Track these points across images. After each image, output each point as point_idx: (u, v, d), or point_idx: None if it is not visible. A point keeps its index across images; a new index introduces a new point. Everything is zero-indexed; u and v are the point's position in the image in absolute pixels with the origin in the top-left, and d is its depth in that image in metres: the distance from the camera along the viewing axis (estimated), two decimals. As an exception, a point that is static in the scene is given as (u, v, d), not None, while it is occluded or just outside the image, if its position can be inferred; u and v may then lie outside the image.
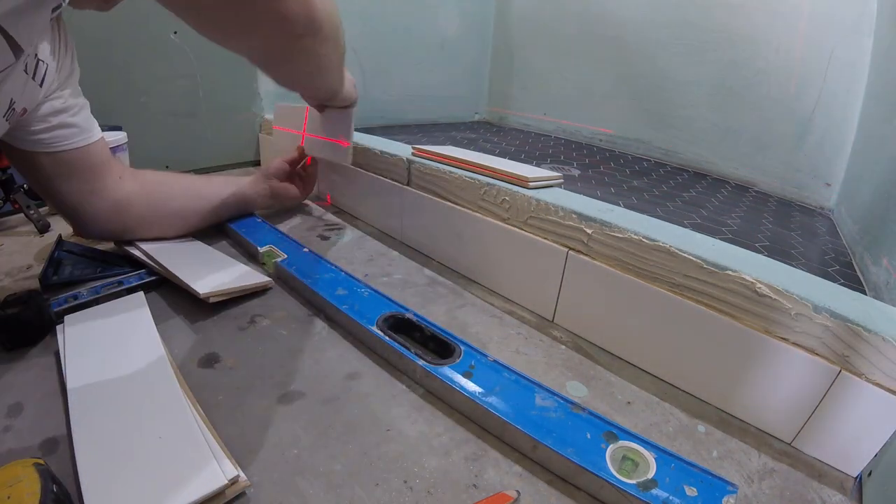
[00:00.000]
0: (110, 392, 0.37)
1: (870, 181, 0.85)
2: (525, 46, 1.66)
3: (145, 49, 0.90)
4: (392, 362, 0.46)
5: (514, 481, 0.34)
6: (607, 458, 0.34)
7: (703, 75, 1.23)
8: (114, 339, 0.44)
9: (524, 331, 0.54)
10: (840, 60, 1.03)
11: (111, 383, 0.38)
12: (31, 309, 0.43)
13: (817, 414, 0.38)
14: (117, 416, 0.34)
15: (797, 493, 0.35)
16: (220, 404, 0.39)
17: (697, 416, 0.43)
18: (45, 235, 0.69)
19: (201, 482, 0.29)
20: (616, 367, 0.49)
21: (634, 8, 1.34)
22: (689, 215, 0.88)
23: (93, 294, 0.50)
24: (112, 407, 0.35)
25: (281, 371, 0.44)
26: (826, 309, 0.36)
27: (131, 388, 0.37)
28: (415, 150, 0.73)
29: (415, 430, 0.38)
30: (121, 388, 0.37)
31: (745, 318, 0.41)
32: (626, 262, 0.48)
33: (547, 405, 0.38)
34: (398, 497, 0.32)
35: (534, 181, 0.58)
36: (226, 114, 1.06)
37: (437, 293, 0.61)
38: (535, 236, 0.55)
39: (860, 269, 0.74)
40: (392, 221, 0.77)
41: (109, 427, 0.33)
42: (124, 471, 0.30)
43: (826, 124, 1.06)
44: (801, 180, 1.13)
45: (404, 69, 1.46)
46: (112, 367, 0.39)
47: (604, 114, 1.49)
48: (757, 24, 1.13)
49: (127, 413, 0.35)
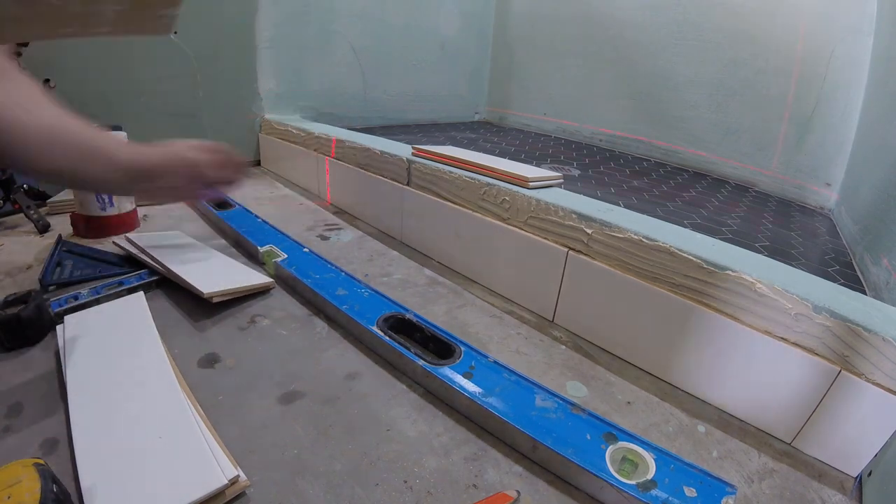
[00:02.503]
0: (110, 392, 0.37)
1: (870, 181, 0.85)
2: (525, 46, 1.66)
3: (145, 49, 0.90)
4: (392, 362, 0.46)
5: (514, 481, 0.34)
6: (607, 458, 0.34)
7: (703, 75, 1.23)
8: (114, 339, 0.43)
9: (524, 331, 0.54)
10: (840, 60, 1.03)
11: (111, 383, 0.38)
12: (31, 309, 0.43)
13: (817, 414, 0.38)
14: (117, 415, 0.34)
15: (797, 494, 0.35)
16: (220, 404, 0.39)
17: (697, 416, 0.43)
18: (45, 235, 0.69)
19: (201, 482, 0.29)
20: (616, 367, 0.49)
21: (634, 8, 1.34)
22: (689, 215, 0.88)
23: (93, 294, 0.50)
24: (112, 407, 0.35)
25: (281, 371, 0.44)
26: (826, 309, 0.36)
27: (131, 388, 0.37)
28: (415, 150, 0.73)
29: (415, 430, 0.38)
30: (121, 388, 0.37)
31: (745, 318, 0.41)
32: (626, 262, 0.48)
33: (547, 406, 0.38)
34: (398, 497, 0.32)
35: (534, 181, 0.58)
36: (226, 114, 1.06)
37: (437, 293, 0.61)
38: (535, 236, 0.55)
39: (860, 269, 0.74)
40: (392, 221, 0.77)
41: (109, 427, 0.33)
42: (124, 471, 0.30)
43: (826, 124, 1.06)
44: (801, 180, 1.13)
45: (404, 69, 1.46)
46: (112, 367, 0.39)
47: (604, 114, 1.49)
48: (757, 24, 1.13)
49: (127, 413, 0.35)
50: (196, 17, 0.95)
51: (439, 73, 1.57)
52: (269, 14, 1.07)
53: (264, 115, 1.12)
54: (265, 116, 1.12)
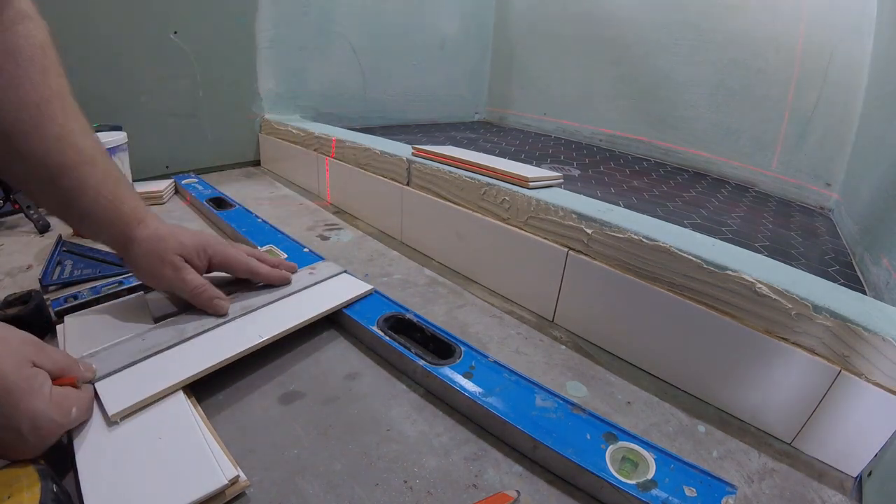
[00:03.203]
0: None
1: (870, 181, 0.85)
2: (525, 46, 1.66)
3: (145, 49, 0.90)
4: (392, 362, 0.46)
5: (514, 481, 0.34)
6: (607, 458, 0.34)
7: (703, 75, 1.24)
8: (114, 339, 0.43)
9: (524, 331, 0.54)
10: (840, 60, 1.03)
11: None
12: (31, 309, 0.43)
13: (817, 414, 0.38)
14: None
15: (797, 494, 0.35)
16: (220, 404, 0.39)
17: (697, 416, 0.43)
18: (45, 235, 0.69)
19: (201, 482, 0.29)
20: (616, 367, 0.49)
21: (634, 8, 1.34)
22: (689, 215, 0.88)
23: (93, 294, 0.50)
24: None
25: (281, 371, 0.44)
26: (826, 309, 0.36)
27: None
28: (415, 150, 0.73)
29: (415, 430, 0.38)
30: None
31: (745, 318, 0.41)
32: (626, 262, 0.48)
33: (547, 406, 0.38)
34: (398, 497, 0.32)
35: (534, 181, 0.58)
36: (226, 114, 1.06)
37: (437, 293, 0.61)
38: (535, 236, 0.55)
39: (860, 269, 0.74)
40: (392, 221, 0.77)
41: (109, 426, 0.33)
42: (124, 471, 0.30)
43: (826, 124, 1.07)
44: (801, 180, 1.13)
45: (404, 69, 1.46)
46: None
47: (604, 114, 1.49)
48: (757, 24, 1.13)
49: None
50: (196, 17, 0.95)
51: (439, 72, 1.57)
52: (269, 14, 1.07)
53: (264, 115, 1.12)
54: (265, 116, 1.12)
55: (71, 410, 0.31)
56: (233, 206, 0.80)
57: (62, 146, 0.38)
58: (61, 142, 0.38)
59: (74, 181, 0.39)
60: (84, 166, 0.40)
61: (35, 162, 0.38)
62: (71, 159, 0.39)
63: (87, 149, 0.40)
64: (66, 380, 0.32)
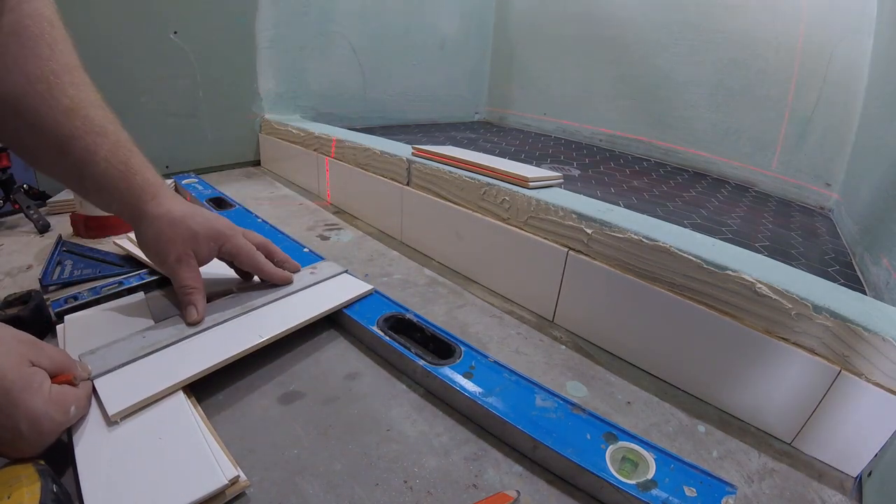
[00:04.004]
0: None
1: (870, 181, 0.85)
2: (525, 46, 1.66)
3: (145, 49, 0.90)
4: (392, 362, 0.46)
5: (514, 481, 0.34)
6: (607, 458, 0.34)
7: (703, 75, 1.24)
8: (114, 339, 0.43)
9: (524, 331, 0.54)
10: (840, 60, 1.03)
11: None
12: (31, 309, 0.43)
13: (817, 414, 0.38)
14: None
15: (797, 494, 0.35)
16: (220, 404, 0.39)
17: (697, 416, 0.43)
18: (45, 235, 0.69)
19: (201, 482, 0.29)
20: (616, 367, 0.49)
21: (634, 8, 1.34)
22: (689, 215, 0.88)
23: (93, 294, 0.50)
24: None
25: (281, 371, 0.44)
26: (826, 309, 0.37)
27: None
28: (415, 150, 0.73)
29: (415, 430, 0.38)
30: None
31: (745, 318, 0.41)
32: (626, 262, 0.48)
33: (547, 406, 0.38)
34: (398, 497, 0.32)
35: (534, 181, 0.58)
36: (226, 114, 1.06)
37: (437, 293, 0.61)
38: (535, 236, 0.55)
39: (860, 269, 0.74)
40: (392, 221, 0.77)
41: (109, 426, 0.33)
42: (124, 471, 0.30)
43: (826, 124, 1.07)
44: (801, 180, 1.13)
45: (404, 69, 1.46)
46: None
47: (604, 114, 1.49)
48: (757, 24, 1.13)
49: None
50: (196, 17, 0.95)
51: (439, 73, 1.57)
52: (269, 14, 1.07)
53: (264, 115, 1.12)
54: (265, 116, 1.12)
55: (70, 408, 0.31)
56: (233, 206, 0.80)
57: (72, 117, 0.38)
58: (71, 113, 0.38)
59: (83, 151, 0.39)
60: (93, 136, 0.39)
61: (46, 134, 0.38)
62: (80, 129, 0.39)
63: (97, 118, 0.40)
64: (64, 377, 0.32)
